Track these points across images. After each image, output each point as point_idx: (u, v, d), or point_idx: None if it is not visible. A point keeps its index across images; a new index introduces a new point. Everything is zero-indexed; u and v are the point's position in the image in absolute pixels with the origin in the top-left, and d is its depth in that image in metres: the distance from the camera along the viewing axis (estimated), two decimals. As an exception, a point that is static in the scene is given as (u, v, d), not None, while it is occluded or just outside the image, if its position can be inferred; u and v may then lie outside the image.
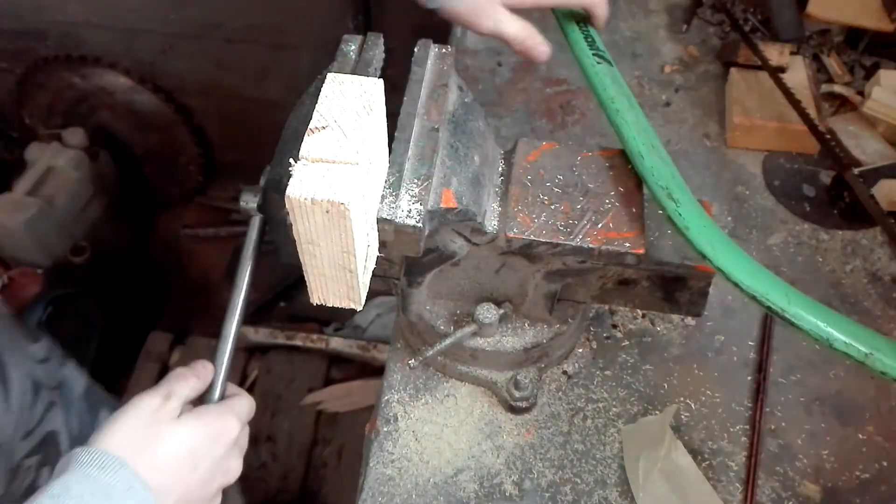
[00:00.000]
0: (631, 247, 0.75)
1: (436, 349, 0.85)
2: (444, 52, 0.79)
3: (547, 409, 0.90)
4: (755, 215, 1.08)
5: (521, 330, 0.87)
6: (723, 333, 0.96)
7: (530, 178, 0.79)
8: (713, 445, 0.87)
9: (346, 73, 0.75)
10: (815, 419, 0.90)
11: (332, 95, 0.61)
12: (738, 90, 1.17)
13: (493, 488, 0.85)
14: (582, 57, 0.86)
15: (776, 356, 0.94)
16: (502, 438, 0.88)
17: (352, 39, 0.78)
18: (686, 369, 0.93)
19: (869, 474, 0.86)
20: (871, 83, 1.17)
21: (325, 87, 0.62)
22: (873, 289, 1.00)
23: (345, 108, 0.61)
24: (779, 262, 1.03)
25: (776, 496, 0.84)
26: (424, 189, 0.68)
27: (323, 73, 0.77)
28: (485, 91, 1.23)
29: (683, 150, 1.15)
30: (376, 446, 0.87)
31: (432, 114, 0.73)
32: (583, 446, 0.87)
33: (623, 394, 0.91)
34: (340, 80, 0.63)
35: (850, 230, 1.06)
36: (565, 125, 1.19)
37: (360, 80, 0.63)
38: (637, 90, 1.23)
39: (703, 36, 1.31)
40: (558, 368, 0.93)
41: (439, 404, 0.91)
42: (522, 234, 0.75)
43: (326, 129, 0.59)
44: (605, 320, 0.97)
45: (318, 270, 0.63)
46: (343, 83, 0.62)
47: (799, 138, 1.12)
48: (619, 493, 0.84)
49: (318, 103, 0.61)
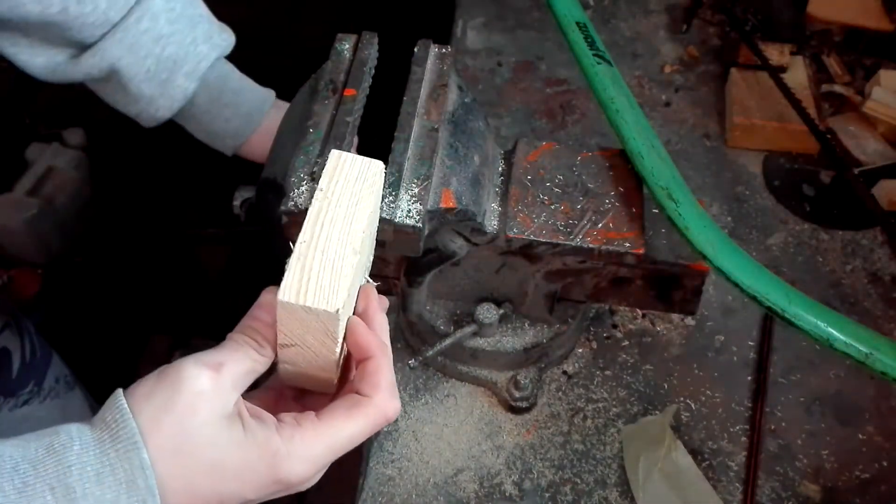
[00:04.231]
0: (631, 247, 0.75)
1: (436, 349, 0.85)
2: (444, 52, 0.79)
3: (547, 409, 0.90)
4: (755, 215, 1.08)
5: (521, 330, 0.87)
6: (723, 333, 0.96)
7: (530, 178, 0.79)
8: (713, 445, 0.87)
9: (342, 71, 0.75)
10: (815, 419, 0.90)
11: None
12: (738, 90, 1.17)
13: (493, 488, 0.85)
14: (582, 57, 0.86)
15: (776, 356, 0.94)
16: (502, 438, 0.88)
17: (346, 38, 0.78)
18: (686, 369, 0.93)
19: (869, 474, 0.86)
20: (871, 83, 1.17)
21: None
22: (873, 289, 1.00)
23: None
24: (779, 262, 1.03)
25: (776, 496, 0.84)
26: (424, 189, 0.68)
27: (317, 72, 0.78)
28: (485, 91, 1.23)
29: (683, 150, 1.15)
30: (376, 446, 0.87)
31: (432, 114, 0.74)
32: (583, 446, 0.87)
33: (623, 394, 0.91)
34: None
35: (850, 230, 1.06)
36: (565, 125, 1.19)
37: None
38: (637, 90, 1.23)
39: (703, 36, 1.31)
40: (558, 368, 0.93)
41: (439, 404, 0.91)
42: (522, 234, 0.76)
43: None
44: (605, 320, 0.97)
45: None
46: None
47: (799, 138, 1.12)
48: (619, 493, 0.84)
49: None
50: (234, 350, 0.53)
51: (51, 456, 0.47)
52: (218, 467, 0.50)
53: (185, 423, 0.49)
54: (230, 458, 0.50)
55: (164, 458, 0.49)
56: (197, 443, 0.50)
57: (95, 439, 0.48)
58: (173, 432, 0.49)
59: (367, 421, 0.53)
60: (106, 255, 2.18)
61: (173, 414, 0.49)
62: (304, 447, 0.51)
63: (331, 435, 0.52)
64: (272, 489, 0.52)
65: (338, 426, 0.53)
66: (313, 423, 0.52)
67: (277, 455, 0.51)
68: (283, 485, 0.51)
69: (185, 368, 0.50)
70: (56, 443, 0.47)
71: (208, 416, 0.50)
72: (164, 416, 0.49)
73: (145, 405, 0.49)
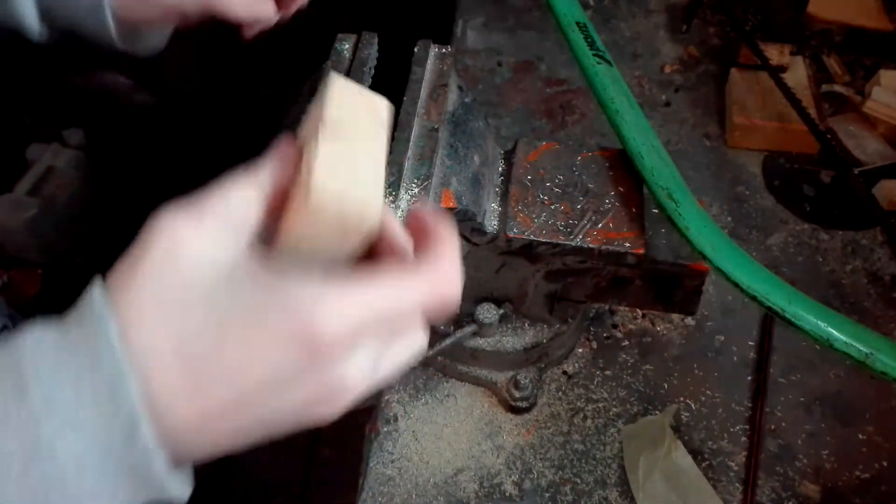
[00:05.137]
0: (631, 247, 0.75)
1: (436, 349, 0.85)
2: (444, 52, 0.79)
3: (547, 409, 0.90)
4: (755, 215, 1.08)
5: (521, 330, 0.87)
6: (723, 333, 0.96)
7: (530, 178, 0.79)
8: (713, 445, 0.87)
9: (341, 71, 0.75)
10: (815, 419, 0.90)
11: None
12: (738, 90, 1.17)
13: (493, 488, 0.85)
14: (582, 57, 0.86)
15: (776, 356, 0.94)
16: (502, 438, 0.88)
17: (346, 38, 0.78)
18: (686, 369, 0.93)
19: (869, 474, 0.86)
20: (871, 83, 1.17)
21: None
22: (873, 289, 1.00)
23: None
24: (779, 262, 1.03)
25: (776, 496, 0.84)
26: (424, 189, 0.68)
27: (317, 72, 0.78)
28: (485, 91, 1.23)
29: (683, 150, 1.15)
30: (376, 446, 0.87)
31: (432, 114, 0.74)
32: (583, 446, 0.87)
33: (623, 394, 0.91)
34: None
35: (850, 230, 1.06)
36: (565, 125, 1.19)
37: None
38: (637, 90, 1.23)
39: (703, 36, 1.32)
40: (558, 368, 0.93)
41: (439, 404, 0.91)
42: (522, 234, 0.76)
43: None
44: (605, 320, 0.97)
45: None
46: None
47: (799, 138, 1.12)
48: (619, 493, 0.84)
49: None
50: (221, 192, 0.41)
51: (3, 349, 0.37)
52: (221, 327, 0.38)
53: (166, 278, 0.38)
54: (235, 311, 0.38)
55: (142, 328, 0.37)
56: (186, 299, 0.38)
57: (57, 325, 0.38)
58: (150, 294, 0.38)
59: (422, 286, 0.40)
60: (106, 255, 2.18)
61: (146, 270, 0.38)
62: (339, 295, 0.38)
63: (374, 290, 0.39)
64: (298, 354, 0.37)
65: (384, 283, 0.40)
66: (348, 277, 0.39)
67: (302, 298, 0.37)
68: (312, 344, 0.37)
69: (160, 220, 0.39)
70: (14, 338, 0.38)
71: (196, 262, 0.38)
72: (135, 277, 0.38)
73: (115, 275, 0.40)
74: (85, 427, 0.36)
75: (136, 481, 0.37)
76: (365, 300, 0.39)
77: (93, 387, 0.36)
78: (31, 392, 0.36)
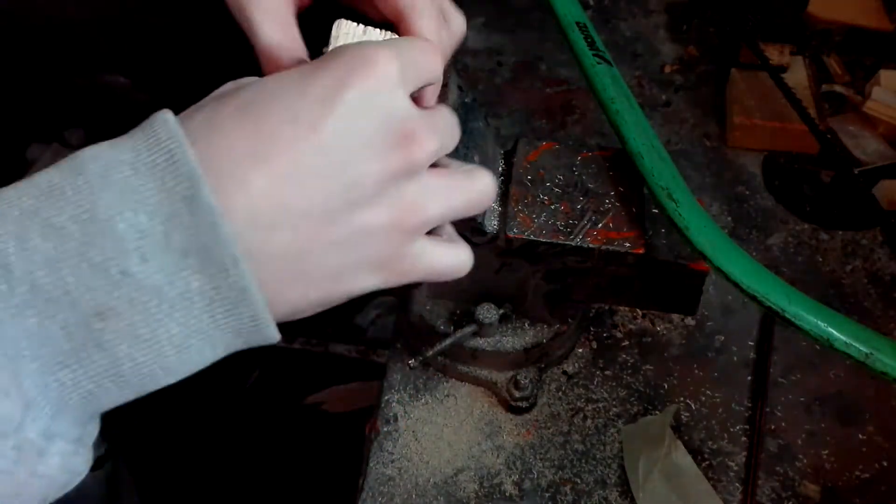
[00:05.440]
0: (631, 247, 0.75)
1: (436, 349, 0.85)
2: (444, 52, 0.79)
3: (547, 409, 0.90)
4: (755, 215, 1.08)
5: (521, 330, 0.87)
6: (723, 333, 0.96)
7: (530, 178, 0.79)
8: (713, 445, 0.87)
9: None
10: (815, 419, 0.90)
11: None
12: (738, 90, 1.17)
13: (493, 488, 0.85)
14: (582, 57, 0.86)
15: (776, 356, 0.94)
16: (502, 438, 0.88)
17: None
18: (686, 369, 0.93)
19: (869, 474, 0.86)
20: (871, 83, 1.17)
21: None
22: (873, 289, 1.00)
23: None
24: (779, 262, 1.03)
25: (776, 496, 0.84)
26: (424, 189, 0.68)
27: None
28: (485, 91, 1.23)
29: (683, 150, 1.15)
30: (376, 446, 0.87)
31: (432, 114, 0.73)
32: (583, 446, 0.87)
33: (623, 394, 0.91)
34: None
35: (850, 230, 1.06)
36: (565, 125, 1.19)
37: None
38: (637, 90, 1.23)
39: (703, 36, 1.31)
40: (558, 368, 0.93)
41: (439, 404, 0.91)
42: (522, 234, 0.76)
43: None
44: (605, 320, 0.97)
45: None
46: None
47: (799, 138, 1.12)
48: (619, 493, 0.84)
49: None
50: None
51: (68, 161, 0.37)
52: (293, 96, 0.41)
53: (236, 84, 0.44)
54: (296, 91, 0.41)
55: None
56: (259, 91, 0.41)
57: (125, 140, 0.38)
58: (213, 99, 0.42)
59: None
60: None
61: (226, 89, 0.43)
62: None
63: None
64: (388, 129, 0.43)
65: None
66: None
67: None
68: (366, 68, 0.44)
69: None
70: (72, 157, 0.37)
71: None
72: (211, 100, 0.42)
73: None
74: (145, 198, 0.35)
75: (205, 263, 0.35)
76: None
77: (150, 156, 0.36)
78: (87, 168, 0.35)
